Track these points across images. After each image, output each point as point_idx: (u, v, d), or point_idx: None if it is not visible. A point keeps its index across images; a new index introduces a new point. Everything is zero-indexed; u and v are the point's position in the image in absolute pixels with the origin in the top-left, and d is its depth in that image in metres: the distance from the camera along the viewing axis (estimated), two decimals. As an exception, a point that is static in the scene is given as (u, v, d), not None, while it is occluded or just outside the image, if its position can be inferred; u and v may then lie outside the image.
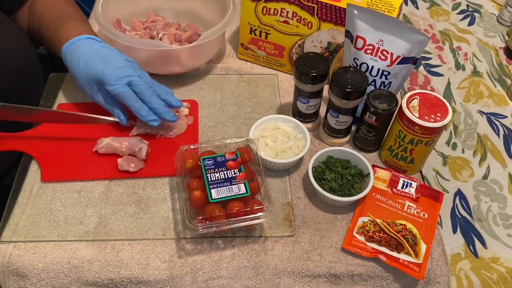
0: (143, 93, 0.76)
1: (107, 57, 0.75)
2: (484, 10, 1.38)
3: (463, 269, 0.85)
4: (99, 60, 0.75)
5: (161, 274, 0.68)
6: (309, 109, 0.83)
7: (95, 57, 0.75)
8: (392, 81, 0.79)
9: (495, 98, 1.14)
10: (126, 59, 0.77)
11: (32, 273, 0.67)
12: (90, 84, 0.77)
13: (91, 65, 0.75)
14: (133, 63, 0.78)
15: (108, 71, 0.73)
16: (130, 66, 0.76)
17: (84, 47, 0.76)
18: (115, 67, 0.74)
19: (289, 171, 0.80)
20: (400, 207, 0.75)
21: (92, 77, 0.75)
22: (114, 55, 0.76)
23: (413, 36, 0.73)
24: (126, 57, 0.78)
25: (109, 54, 0.76)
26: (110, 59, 0.75)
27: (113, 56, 0.76)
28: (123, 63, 0.75)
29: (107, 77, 0.74)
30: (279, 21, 0.89)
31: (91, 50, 0.76)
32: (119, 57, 0.76)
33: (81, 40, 0.77)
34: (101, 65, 0.74)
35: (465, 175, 0.99)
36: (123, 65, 0.75)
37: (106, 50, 0.77)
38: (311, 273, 0.69)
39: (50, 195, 0.74)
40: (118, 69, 0.74)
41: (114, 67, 0.74)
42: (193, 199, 0.67)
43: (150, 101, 0.76)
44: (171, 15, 1.01)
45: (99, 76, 0.74)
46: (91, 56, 0.75)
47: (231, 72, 0.97)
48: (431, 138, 0.74)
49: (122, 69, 0.74)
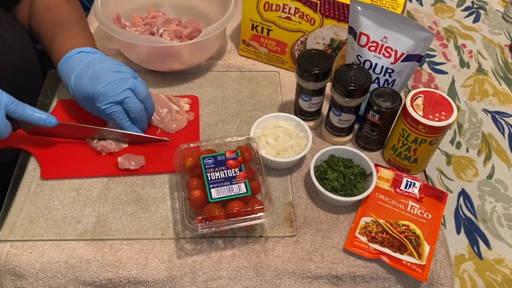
0: (133, 113, 0.75)
1: (95, 74, 0.73)
2: (489, 7, 1.36)
3: (467, 271, 0.84)
4: (88, 78, 0.73)
5: (160, 275, 0.67)
6: (311, 107, 0.81)
7: (83, 75, 0.73)
8: (396, 79, 0.78)
9: (500, 96, 1.12)
10: (115, 72, 0.74)
11: (29, 273, 0.66)
12: (85, 101, 0.76)
13: (81, 84, 0.73)
14: (125, 73, 0.75)
15: (96, 89, 0.72)
16: (120, 80, 0.73)
17: (76, 64, 0.74)
18: (103, 85, 0.72)
19: (290, 170, 0.79)
20: (403, 207, 0.73)
21: (83, 96, 0.74)
22: (103, 70, 0.74)
23: (418, 33, 0.71)
24: (117, 68, 0.75)
25: (97, 70, 0.73)
26: (98, 76, 0.73)
27: (102, 70, 0.73)
28: (113, 78, 0.73)
29: (97, 96, 0.72)
30: (281, 17, 0.87)
31: (80, 69, 0.74)
32: (107, 72, 0.73)
33: (72, 56, 0.75)
34: (90, 84, 0.72)
35: (469, 175, 0.98)
36: (112, 81, 0.73)
37: (95, 64, 0.74)
38: (312, 274, 0.68)
39: (48, 194, 0.73)
40: (105, 86, 0.72)
41: (101, 85, 0.72)
42: (192, 199, 0.65)
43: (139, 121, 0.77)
44: (172, 10, 1.00)
45: (91, 95, 0.73)
46: (81, 74, 0.73)
47: (232, 69, 0.95)
48: (435, 137, 0.73)
49: (110, 86, 0.72)
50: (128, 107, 0.74)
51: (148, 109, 0.78)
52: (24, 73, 0.82)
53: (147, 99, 0.77)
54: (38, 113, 0.70)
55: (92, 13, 1.02)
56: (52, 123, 0.71)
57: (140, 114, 0.76)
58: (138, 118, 0.77)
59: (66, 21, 0.82)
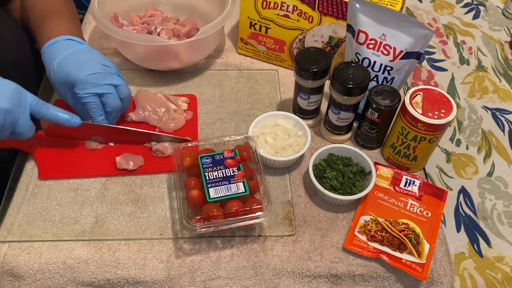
0: (111, 107, 0.74)
1: (82, 61, 0.72)
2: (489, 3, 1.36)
3: (467, 269, 0.83)
4: (74, 64, 0.72)
5: (159, 275, 0.66)
6: (310, 106, 0.81)
7: (70, 60, 0.72)
8: (394, 77, 0.77)
9: (500, 93, 1.12)
10: (103, 65, 0.73)
11: (27, 274, 0.66)
12: (63, 86, 0.74)
13: (65, 68, 0.72)
14: (111, 69, 0.74)
15: (80, 76, 0.71)
16: (105, 73, 0.72)
17: (63, 49, 0.73)
18: (88, 73, 0.71)
19: (289, 169, 0.79)
20: (402, 206, 0.73)
21: (64, 80, 0.72)
22: (90, 59, 0.73)
23: (417, 30, 0.71)
24: (105, 62, 0.74)
25: (85, 58, 0.73)
26: (85, 64, 0.72)
27: (89, 60, 0.73)
28: (97, 69, 0.72)
29: (78, 83, 0.71)
30: (279, 15, 0.87)
31: (68, 54, 0.73)
32: (95, 62, 0.73)
33: (60, 41, 0.74)
34: (74, 69, 0.71)
35: (469, 172, 0.97)
36: (97, 71, 0.72)
37: (83, 53, 0.74)
38: (311, 273, 0.68)
39: (45, 194, 0.73)
40: (90, 75, 0.71)
41: (86, 73, 0.71)
42: (190, 199, 0.65)
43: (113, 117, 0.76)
44: (169, 9, 0.99)
45: (72, 80, 0.71)
46: (67, 60, 0.72)
47: (231, 67, 0.95)
48: (434, 135, 0.72)
49: (94, 76, 0.71)
50: (107, 101, 0.73)
51: (123, 109, 0.78)
52: (19, 69, 0.81)
53: (127, 100, 0.77)
54: (62, 114, 0.69)
55: (89, 12, 1.02)
56: (77, 123, 0.71)
57: (116, 111, 0.76)
58: (113, 114, 0.76)
59: (57, 10, 0.81)
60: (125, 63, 0.93)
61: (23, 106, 0.65)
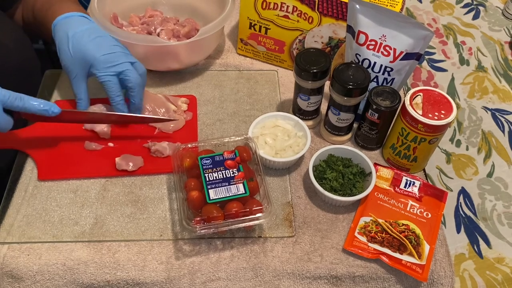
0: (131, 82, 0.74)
1: (99, 40, 0.73)
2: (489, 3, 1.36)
3: (467, 270, 0.83)
4: (91, 43, 0.72)
5: (158, 276, 0.66)
6: (309, 106, 0.81)
7: (86, 38, 0.72)
8: (395, 78, 0.77)
9: (500, 93, 1.12)
10: (115, 45, 0.75)
11: (26, 275, 0.66)
12: (77, 65, 0.74)
13: (82, 47, 0.72)
14: (123, 48, 0.76)
15: (97, 56, 0.71)
16: (121, 52, 0.74)
17: (77, 25, 0.74)
18: (105, 53, 0.72)
19: (289, 170, 0.78)
20: (403, 207, 0.73)
21: (80, 58, 0.72)
22: (105, 39, 0.74)
23: (417, 31, 0.71)
24: (117, 42, 0.76)
25: (102, 37, 0.74)
26: (101, 44, 0.73)
27: (104, 40, 0.74)
28: (113, 49, 0.73)
29: (97, 62, 0.71)
30: (279, 15, 0.87)
31: (83, 30, 0.73)
32: (109, 42, 0.74)
33: (74, 16, 0.75)
34: (93, 49, 0.72)
35: (469, 173, 0.97)
36: (113, 51, 0.73)
37: (97, 32, 0.75)
38: (311, 274, 0.68)
39: (45, 195, 0.73)
40: (109, 55, 0.72)
41: (104, 52, 0.72)
42: (190, 200, 0.65)
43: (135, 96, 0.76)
44: (169, 9, 0.99)
45: (89, 59, 0.72)
46: (83, 37, 0.72)
47: (230, 68, 0.95)
48: (435, 136, 0.72)
49: (111, 55, 0.72)
50: (127, 77, 0.74)
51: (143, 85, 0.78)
52: (22, 74, 0.81)
53: (144, 76, 0.78)
54: (39, 104, 0.68)
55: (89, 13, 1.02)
56: (55, 113, 0.70)
57: (138, 87, 0.76)
58: (134, 92, 0.76)
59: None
60: (124, 64, 0.93)
61: None
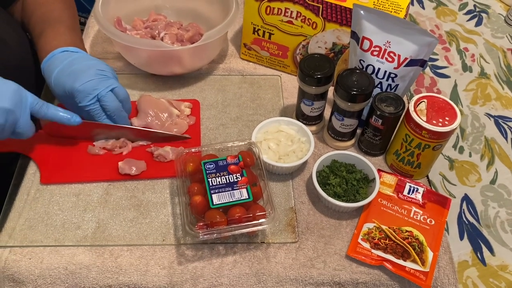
0: (109, 111, 0.75)
1: (76, 71, 0.73)
2: (491, 10, 1.36)
3: (470, 277, 0.83)
4: (68, 75, 0.73)
5: (161, 281, 0.66)
6: (313, 112, 0.81)
7: (65, 72, 0.73)
8: (399, 84, 0.77)
9: (503, 100, 1.12)
10: (97, 69, 0.74)
11: (28, 279, 0.65)
12: (64, 97, 0.75)
13: (61, 81, 0.73)
14: (105, 72, 0.75)
15: (75, 86, 0.72)
16: (99, 80, 0.73)
17: (59, 62, 0.74)
18: (83, 82, 0.72)
19: (292, 175, 0.78)
20: (406, 213, 0.73)
21: (64, 92, 0.74)
22: (84, 68, 0.74)
23: (422, 37, 0.71)
24: (98, 66, 0.75)
25: (78, 68, 0.74)
26: (78, 73, 0.73)
27: (82, 69, 0.73)
28: (92, 77, 0.73)
29: (76, 94, 0.72)
30: (283, 21, 0.87)
31: (64, 65, 0.74)
32: (88, 70, 0.73)
33: (56, 55, 0.75)
34: (70, 81, 0.72)
35: (472, 180, 0.97)
36: (91, 79, 0.72)
37: (77, 63, 0.74)
38: (314, 281, 0.67)
39: (47, 199, 0.72)
40: (86, 83, 0.72)
41: (81, 82, 0.72)
42: (193, 205, 0.65)
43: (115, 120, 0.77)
44: (173, 14, 0.99)
45: (70, 91, 0.72)
46: (62, 72, 0.73)
47: (234, 72, 0.95)
48: (439, 142, 0.72)
49: (90, 84, 0.72)
50: (104, 105, 0.74)
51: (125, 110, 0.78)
52: (22, 73, 0.81)
53: (126, 101, 0.78)
54: (62, 112, 0.70)
55: (93, 16, 1.02)
56: (77, 122, 0.72)
57: (117, 113, 0.76)
58: (114, 117, 0.76)
59: (55, 18, 0.82)
60: (127, 68, 0.93)
61: (24, 106, 0.66)
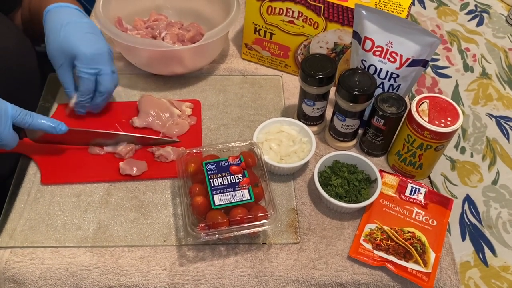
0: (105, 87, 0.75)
1: (92, 37, 0.73)
2: (492, 10, 1.35)
3: (472, 278, 0.82)
4: (84, 37, 0.72)
5: (162, 282, 0.66)
6: (314, 112, 0.80)
7: (78, 30, 0.72)
8: (401, 84, 0.77)
9: (505, 100, 1.12)
10: (109, 49, 0.75)
11: (29, 280, 0.65)
12: (62, 54, 0.74)
13: (74, 38, 0.72)
14: (112, 53, 0.76)
15: (86, 52, 0.71)
16: (109, 55, 0.74)
17: (70, 16, 0.73)
18: (94, 51, 0.71)
19: (294, 175, 0.78)
20: (408, 214, 0.72)
21: (69, 48, 0.72)
22: (98, 38, 0.74)
23: (424, 38, 0.70)
24: (108, 45, 0.76)
25: (95, 35, 0.74)
26: (94, 41, 0.72)
27: (96, 38, 0.74)
28: (103, 49, 0.73)
29: (83, 57, 0.71)
30: (284, 21, 0.86)
31: (81, 23, 0.73)
32: (101, 42, 0.74)
33: (70, 8, 0.74)
34: (83, 43, 0.71)
35: (474, 180, 0.96)
36: (102, 53, 0.72)
37: (91, 28, 0.75)
38: (316, 282, 0.67)
39: (48, 199, 0.72)
40: (96, 54, 0.72)
41: (93, 51, 0.71)
42: (195, 206, 0.64)
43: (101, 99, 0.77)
44: (174, 14, 0.99)
45: (77, 52, 0.71)
46: (74, 29, 0.72)
47: (235, 73, 0.95)
48: (441, 143, 0.72)
49: (99, 56, 0.72)
50: (103, 80, 0.74)
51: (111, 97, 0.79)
52: (23, 76, 0.81)
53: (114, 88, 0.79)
54: (47, 121, 0.69)
55: (93, 16, 1.01)
56: (62, 131, 0.70)
57: (108, 93, 0.76)
58: (103, 96, 0.76)
59: None
60: (128, 68, 0.92)
61: (4, 118, 0.65)
